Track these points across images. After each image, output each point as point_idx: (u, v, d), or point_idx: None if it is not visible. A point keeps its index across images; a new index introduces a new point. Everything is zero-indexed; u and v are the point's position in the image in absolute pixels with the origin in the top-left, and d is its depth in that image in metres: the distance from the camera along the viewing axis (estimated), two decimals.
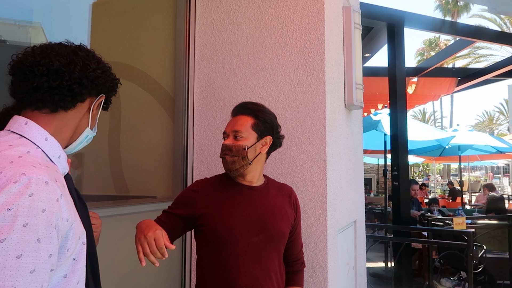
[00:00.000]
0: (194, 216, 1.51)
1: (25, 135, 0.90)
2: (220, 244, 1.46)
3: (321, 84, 2.17)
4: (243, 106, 1.59)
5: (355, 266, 2.66)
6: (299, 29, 2.25)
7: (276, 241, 1.52)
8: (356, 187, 2.79)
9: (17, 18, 3.01)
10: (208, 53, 2.43)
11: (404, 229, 4.27)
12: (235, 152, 1.50)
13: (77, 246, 0.88)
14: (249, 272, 1.44)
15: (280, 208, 1.58)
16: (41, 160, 0.86)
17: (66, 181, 0.97)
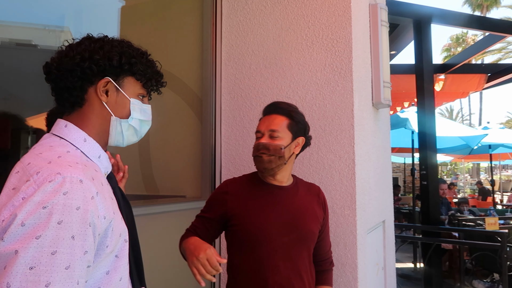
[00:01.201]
0: (226, 216, 1.53)
1: (65, 137, 0.94)
2: (251, 244, 1.47)
3: (348, 83, 2.15)
4: (277, 105, 1.59)
5: (384, 267, 2.62)
6: (326, 27, 2.24)
7: (306, 240, 1.53)
8: (384, 186, 2.75)
9: (47, 23, 3.11)
10: (235, 53, 2.45)
11: (434, 229, 4.17)
12: (273, 151, 1.49)
13: (118, 243, 0.90)
14: (281, 271, 1.45)
15: (309, 208, 1.58)
16: (80, 160, 0.88)
17: (110, 180, 1.00)
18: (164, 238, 2.06)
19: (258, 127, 1.58)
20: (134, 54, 1.00)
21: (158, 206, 2.11)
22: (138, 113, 1.02)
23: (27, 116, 2.18)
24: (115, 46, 0.99)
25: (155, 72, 1.05)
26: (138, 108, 1.02)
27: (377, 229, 2.52)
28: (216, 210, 1.55)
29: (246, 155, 2.32)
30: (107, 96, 0.98)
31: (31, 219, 0.74)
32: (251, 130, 2.33)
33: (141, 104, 1.03)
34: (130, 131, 1.02)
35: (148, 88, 1.04)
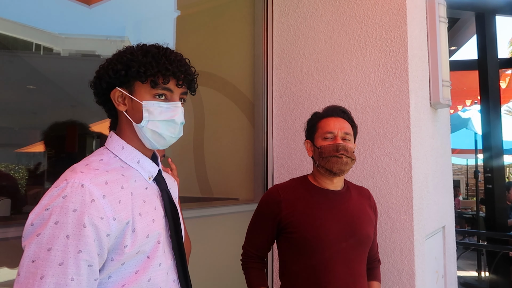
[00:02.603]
0: (281, 224, 1.52)
1: (107, 146, 1.04)
2: (310, 250, 1.45)
3: (404, 83, 2.08)
4: (342, 110, 1.60)
5: (445, 275, 2.50)
6: (379, 27, 2.19)
7: (363, 245, 1.51)
8: (444, 190, 2.62)
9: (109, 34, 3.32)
10: (286, 57, 2.46)
11: (500, 236, 3.89)
12: (350, 153, 1.50)
13: (147, 244, 0.95)
14: (340, 277, 1.43)
15: (364, 211, 1.56)
16: (107, 166, 0.96)
17: (158, 183, 1.06)
18: (218, 239, 2.12)
19: (329, 127, 1.53)
20: (133, 58, 1.00)
21: (212, 208, 2.18)
22: (155, 114, 0.99)
23: (92, 122, 2.33)
24: (120, 55, 1.02)
25: (161, 67, 0.99)
26: (155, 109, 0.99)
27: (436, 235, 2.41)
28: (271, 219, 1.53)
29: (297, 158, 2.32)
30: (125, 105, 1.02)
31: (37, 220, 0.85)
32: (303, 133, 2.32)
33: (160, 104, 1.00)
34: (154, 134, 1.01)
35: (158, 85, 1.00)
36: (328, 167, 1.50)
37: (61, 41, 3.70)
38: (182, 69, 1.02)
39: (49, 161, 2.16)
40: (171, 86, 1.01)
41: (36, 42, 3.60)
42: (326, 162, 1.49)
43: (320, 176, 1.57)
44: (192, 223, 1.58)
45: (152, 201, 1.02)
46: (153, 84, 0.99)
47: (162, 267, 0.99)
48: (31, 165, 3.26)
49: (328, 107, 1.62)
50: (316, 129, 1.57)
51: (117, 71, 1.00)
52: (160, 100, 1.00)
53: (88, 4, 2.83)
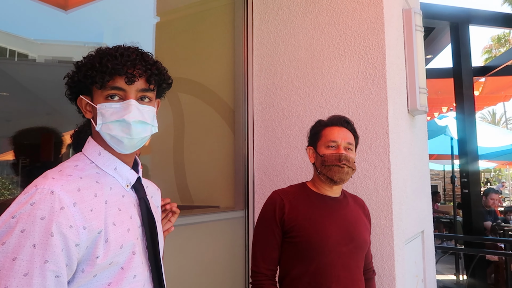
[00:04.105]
0: (284, 228, 1.54)
1: (84, 152, 1.00)
2: (311, 254, 1.49)
3: (382, 90, 2.11)
4: (345, 120, 1.64)
5: (424, 279, 2.53)
6: (358, 35, 2.22)
7: (361, 250, 1.56)
8: (422, 195, 2.66)
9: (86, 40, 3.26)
10: (266, 64, 2.47)
11: (477, 240, 3.98)
12: (351, 163, 1.55)
13: (120, 255, 0.91)
14: (340, 281, 1.47)
15: (360, 218, 1.62)
16: (82, 172, 0.93)
17: (136, 191, 1.03)
18: (198, 248, 2.09)
19: (332, 136, 1.57)
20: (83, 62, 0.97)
21: (192, 216, 2.14)
22: (107, 116, 0.95)
23: (68, 130, 2.28)
24: (77, 62, 1.00)
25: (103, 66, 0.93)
26: (107, 111, 0.95)
27: (415, 240, 2.43)
28: (275, 224, 1.55)
29: (278, 165, 2.32)
30: (91, 112, 0.99)
31: (3, 228, 0.81)
32: (283, 140, 2.33)
33: (111, 105, 0.95)
34: (111, 138, 0.96)
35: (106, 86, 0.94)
36: (329, 175, 1.55)
37: (36, 47, 3.62)
38: (128, 63, 0.95)
39: (23, 171, 2.09)
40: (120, 84, 0.95)
41: (11, 48, 3.51)
42: (328, 170, 1.54)
43: (320, 183, 1.61)
44: (171, 232, 1.54)
45: (128, 209, 0.98)
46: (99, 86, 0.94)
47: (137, 279, 0.96)
48: (4, 174, 3.15)
49: (333, 116, 1.67)
50: (320, 137, 1.61)
51: (72, 78, 0.98)
52: (113, 101, 0.95)
53: (65, 9, 2.77)
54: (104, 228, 0.90)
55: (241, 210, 2.35)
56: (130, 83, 0.95)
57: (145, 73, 0.97)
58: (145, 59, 0.99)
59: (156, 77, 1.00)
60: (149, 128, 0.99)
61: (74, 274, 0.86)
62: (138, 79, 0.96)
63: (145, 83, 0.98)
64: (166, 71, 1.05)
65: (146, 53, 1.01)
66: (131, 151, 1.00)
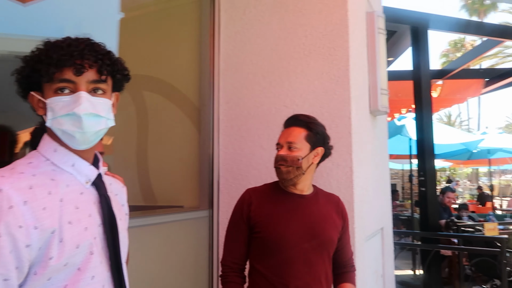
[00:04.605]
0: (249, 224, 1.59)
1: (39, 149, 0.96)
2: (273, 249, 1.53)
3: (346, 91, 2.17)
4: (296, 118, 1.65)
5: (383, 274, 2.62)
6: (323, 36, 2.26)
7: (326, 247, 1.58)
8: (382, 193, 2.76)
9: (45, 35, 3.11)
10: (233, 63, 2.46)
11: (433, 235, 4.17)
12: (290, 162, 1.56)
13: (77, 255, 0.88)
14: (301, 277, 1.51)
15: (329, 216, 1.64)
16: (35, 169, 0.89)
17: (97, 188, 0.99)
18: (162, 249, 2.06)
19: (278, 139, 1.65)
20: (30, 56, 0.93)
21: (156, 217, 2.11)
22: (56, 110, 0.90)
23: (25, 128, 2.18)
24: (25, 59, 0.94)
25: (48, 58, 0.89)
26: (56, 105, 0.90)
27: (375, 237, 2.52)
28: (243, 221, 1.60)
29: (244, 164, 2.33)
30: (44, 109, 0.94)
31: None
32: (249, 139, 2.34)
33: (61, 98, 0.90)
34: (63, 133, 0.92)
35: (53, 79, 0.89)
36: (277, 176, 1.62)
37: None
38: (76, 53, 0.89)
39: None
40: (68, 76, 0.89)
41: None
42: (276, 172, 1.61)
43: None
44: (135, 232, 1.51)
45: (87, 207, 0.94)
46: (47, 79, 0.89)
47: (96, 279, 0.92)
48: None
49: (286, 119, 1.69)
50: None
51: (21, 73, 0.93)
52: (63, 94, 0.90)
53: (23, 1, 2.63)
54: (59, 228, 0.86)
55: (206, 210, 2.33)
56: (79, 74, 0.90)
57: (95, 63, 0.92)
58: (95, 49, 0.94)
59: (108, 67, 0.95)
60: (103, 121, 0.94)
61: (26, 277, 0.82)
62: (88, 69, 0.91)
63: (96, 74, 0.93)
64: (120, 61, 1.00)
65: (98, 43, 0.96)
66: (86, 146, 0.95)
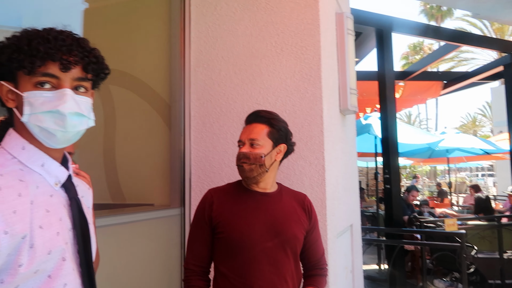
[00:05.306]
0: (212, 224, 1.54)
1: (4, 145, 0.89)
2: (235, 249, 1.48)
3: (317, 90, 2.19)
4: (257, 114, 1.60)
5: (353, 270, 2.67)
6: (295, 35, 2.27)
7: (290, 245, 1.53)
8: (351, 191, 2.81)
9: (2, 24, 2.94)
10: (204, 59, 2.42)
11: (397, 231, 4.31)
12: (253, 160, 1.52)
13: (48, 262, 0.82)
14: (265, 276, 1.46)
15: (293, 213, 1.59)
16: (3, 169, 0.82)
17: (67, 190, 0.93)
18: (131, 249, 2.00)
19: (240, 136, 1.60)
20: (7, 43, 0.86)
21: (125, 215, 2.04)
22: (36, 106, 0.85)
23: None
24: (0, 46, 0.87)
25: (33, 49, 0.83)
26: (36, 100, 0.85)
27: (345, 233, 2.56)
28: (205, 222, 1.55)
29: (216, 161, 2.30)
30: (15, 101, 0.88)
31: None
32: (221, 136, 2.31)
33: (42, 93, 0.85)
34: (41, 131, 0.86)
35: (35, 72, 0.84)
36: (239, 174, 1.57)
37: None
38: (64, 48, 0.85)
39: None
40: (53, 71, 0.85)
41: None
42: (238, 170, 1.57)
43: None
44: (102, 232, 1.45)
45: (57, 211, 0.88)
46: (27, 71, 0.83)
47: (67, 287, 0.87)
48: None
49: (247, 115, 1.64)
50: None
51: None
52: (43, 89, 0.85)
53: None
54: (30, 232, 0.79)
55: (177, 208, 2.29)
56: (66, 71, 0.85)
57: (81, 60, 0.88)
58: (81, 45, 0.89)
59: (94, 65, 0.91)
60: (85, 121, 0.90)
61: None
62: (74, 66, 0.87)
63: (82, 72, 0.89)
64: (103, 59, 0.95)
65: (83, 38, 0.91)
66: (64, 145, 0.90)
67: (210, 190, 1.64)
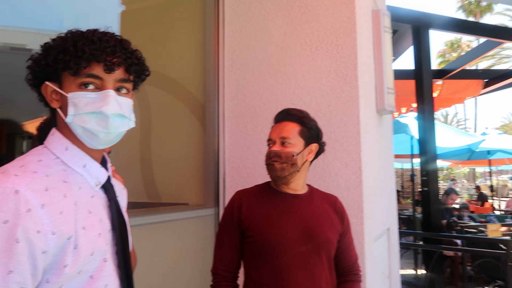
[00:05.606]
0: (241, 228, 1.48)
1: (48, 145, 0.90)
2: (267, 254, 1.42)
3: (354, 89, 2.13)
4: (287, 112, 1.55)
5: (390, 275, 2.59)
6: (330, 34, 2.22)
7: (324, 249, 1.46)
8: (388, 194, 2.72)
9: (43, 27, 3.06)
10: (238, 59, 2.41)
11: (436, 236, 4.14)
12: (285, 158, 1.46)
13: (90, 263, 0.83)
14: (300, 283, 1.39)
15: (326, 216, 1.52)
16: (47, 169, 0.83)
17: (106, 191, 0.94)
18: (166, 247, 2.01)
19: (270, 135, 1.54)
20: (53, 44, 0.87)
21: (160, 215, 2.06)
22: (80, 106, 0.85)
23: (22, 121, 2.13)
24: (44, 44, 0.89)
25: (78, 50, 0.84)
26: (80, 101, 0.85)
27: (382, 237, 2.48)
28: (234, 226, 1.50)
29: (250, 162, 2.28)
30: (59, 101, 0.89)
31: None
32: (255, 136, 2.29)
33: (86, 94, 0.85)
34: (85, 131, 0.86)
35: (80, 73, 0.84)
36: (269, 174, 1.51)
37: None
38: (108, 50, 0.85)
39: None
40: (97, 72, 0.85)
41: None
42: (267, 170, 1.51)
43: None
44: (138, 231, 1.46)
45: (98, 212, 0.89)
46: (73, 72, 0.84)
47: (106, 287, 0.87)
48: None
49: (277, 113, 1.59)
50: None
51: (38, 62, 0.87)
52: (87, 90, 0.85)
53: None
54: (75, 233, 0.80)
55: (211, 208, 2.29)
56: (109, 72, 0.86)
57: (124, 61, 0.88)
58: (124, 46, 0.89)
59: (136, 66, 0.91)
60: (126, 122, 0.90)
61: (38, 285, 0.77)
62: (118, 68, 0.87)
63: (124, 73, 0.89)
64: (144, 61, 0.95)
65: (125, 40, 0.92)
66: (106, 146, 0.91)
67: (238, 192, 1.59)
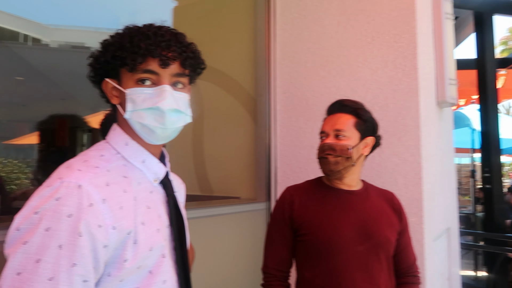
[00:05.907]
0: (293, 226, 1.43)
1: (109, 141, 0.91)
2: (322, 254, 1.35)
3: (413, 81, 2.01)
4: (341, 103, 1.48)
5: (449, 277, 2.45)
6: (387, 22, 2.11)
7: (383, 249, 1.38)
8: (449, 191, 2.57)
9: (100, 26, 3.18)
10: (290, 52, 2.37)
11: (500, 237, 3.87)
12: (339, 152, 1.38)
13: (149, 258, 0.84)
14: (357, 285, 1.32)
15: (383, 213, 1.44)
16: (109, 164, 0.84)
17: (164, 187, 0.94)
18: (218, 241, 2.03)
19: (322, 127, 1.47)
20: (111, 41, 0.89)
21: (212, 208, 2.08)
22: (137, 102, 0.85)
23: (83, 115, 2.23)
24: (103, 41, 0.90)
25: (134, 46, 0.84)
26: (138, 97, 0.85)
27: (441, 237, 2.35)
28: (285, 223, 1.44)
29: (302, 156, 2.24)
30: (118, 98, 0.90)
31: (25, 224, 0.72)
32: (307, 130, 2.24)
33: (143, 90, 0.85)
34: (142, 127, 0.87)
35: (137, 69, 0.84)
36: (322, 168, 1.44)
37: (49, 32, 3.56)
38: (163, 44, 0.85)
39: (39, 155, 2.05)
40: (153, 67, 0.85)
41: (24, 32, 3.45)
42: (320, 164, 1.44)
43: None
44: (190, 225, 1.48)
45: (156, 207, 0.90)
46: (130, 68, 0.84)
47: (167, 284, 0.88)
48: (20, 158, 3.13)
49: (330, 105, 1.52)
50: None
51: (98, 59, 0.89)
52: (144, 86, 0.85)
53: None
54: (134, 228, 0.81)
55: (263, 202, 2.28)
56: (165, 67, 0.85)
57: (180, 56, 0.87)
58: (179, 40, 0.89)
59: (191, 60, 0.90)
60: (183, 117, 0.90)
61: (100, 278, 0.79)
62: (173, 62, 0.86)
63: (180, 67, 0.89)
64: (200, 54, 0.94)
65: (180, 33, 0.91)
66: (163, 142, 0.91)
67: (288, 188, 1.53)
